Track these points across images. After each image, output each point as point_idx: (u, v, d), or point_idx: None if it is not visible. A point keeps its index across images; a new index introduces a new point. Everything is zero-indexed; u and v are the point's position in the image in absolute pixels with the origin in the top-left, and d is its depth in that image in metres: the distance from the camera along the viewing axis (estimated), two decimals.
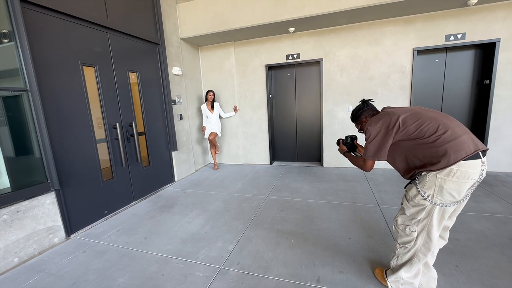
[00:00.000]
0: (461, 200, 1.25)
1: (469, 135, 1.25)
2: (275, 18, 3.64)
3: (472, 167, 1.19)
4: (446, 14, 3.56)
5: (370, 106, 1.63)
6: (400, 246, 1.44)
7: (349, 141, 1.84)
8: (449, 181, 1.21)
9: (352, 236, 2.24)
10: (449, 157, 1.19)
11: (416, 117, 1.32)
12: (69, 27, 2.51)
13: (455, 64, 3.84)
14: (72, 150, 2.52)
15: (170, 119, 3.90)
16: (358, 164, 1.59)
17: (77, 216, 2.56)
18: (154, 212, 2.98)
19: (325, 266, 1.86)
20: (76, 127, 2.57)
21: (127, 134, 3.14)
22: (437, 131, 1.25)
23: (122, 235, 2.48)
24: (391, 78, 3.96)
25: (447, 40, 3.64)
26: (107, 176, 2.94)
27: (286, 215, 2.72)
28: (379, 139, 1.39)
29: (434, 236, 1.32)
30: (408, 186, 1.40)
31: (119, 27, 3.02)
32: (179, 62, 4.20)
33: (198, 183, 3.99)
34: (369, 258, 1.92)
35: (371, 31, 3.92)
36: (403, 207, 1.42)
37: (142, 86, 3.41)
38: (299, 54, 4.34)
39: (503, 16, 3.38)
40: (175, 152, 4.03)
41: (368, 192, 3.23)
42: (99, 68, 2.80)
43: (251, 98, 4.78)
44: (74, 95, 2.55)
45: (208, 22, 4.00)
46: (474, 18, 3.48)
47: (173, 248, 2.21)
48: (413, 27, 3.73)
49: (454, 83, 3.89)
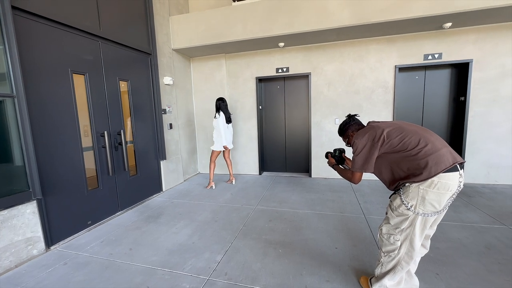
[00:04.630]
0: (441, 210, 1.33)
1: (447, 148, 1.34)
2: (266, 33, 3.78)
3: (451, 179, 1.27)
4: (425, 35, 3.83)
5: (356, 121, 1.71)
6: (385, 254, 1.50)
7: (337, 154, 1.89)
8: (431, 192, 1.28)
9: (339, 245, 2.28)
10: (430, 169, 1.26)
11: (399, 131, 1.41)
12: (61, 35, 2.51)
13: (433, 82, 4.10)
14: (57, 158, 2.46)
15: (160, 128, 3.89)
16: (347, 176, 1.64)
17: (58, 227, 2.47)
18: (140, 222, 2.91)
19: (312, 275, 1.88)
20: (63, 134, 2.52)
21: (115, 143, 3.10)
22: (419, 144, 1.33)
23: (106, 246, 2.41)
24: (375, 93, 4.16)
25: (426, 59, 3.89)
26: (93, 185, 2.87)
27: (274, 225, 2.73)
28: (366, 151, 1.46)
29: (416, 245, 1.38)
30: (393, 197, 1.47)
31: (112, 37, 3.05)
32: (171, 72, 4.24)
33: (186, 193, 3.94)
34: (354, 267, 1.96)
35: (356, 48, 4.14)
36: (388, 217, 1.48)
37: (132, 95, 3.41)
38: (289, 67, 4.49)
39: (474, 39, 3.68)
40: (163, 161, 3.99)
41: (355, 202, 3.31)
42: (89, 76, 2.79)
43: (241, 109, 4.86)
44: (62, 102, 2.51)
45: (200, 35, 4.09)
46: (449, 39, 3.77)
47: (159, 259, 2.16)
48: (395, 46, 3.98)
49: (433, 99, 4.14)
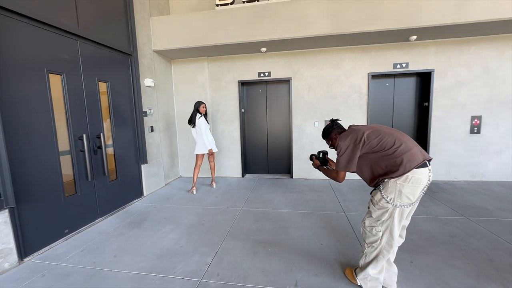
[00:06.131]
0: (415, 202, 1.51)
1: (418, 148, 1.53)
2: (249, 39, 3.88)
3: (422, 174, 1.46)
4: (394, 46, 4.20)
5: (338, 125, 1.86)
6: (368, 245, 1.64)
7: (321, 156, 2.03)
8: (406, 186, 1.45)
9: (324, 241, 2.42)
10: (405, 165, 1.44)
11: (377, 133, 1.58)
12: (37, 33, 2.37)
13: (401, 88, 4.49)
14: (31, 163, 2.30)
15: (141, 131, 3.78)
16: (332, 176, 1.78)
17: (33, 237, 2.30)
18: (123, 229, 2.81)
19: (301, 271, 1.98)
20: (38, 137, 2.36)
21: (94, 146, 2.97)
22: (395, 144, 1.50)
23: (88, 254, 2.29)
24: (351, 98, 4.44)
25: (395, 68, 4.26)
26: (70, 191, 2.71)
27: (261, 225, 2.80)
28: (349, 152, 1.61)
29: (395, 234, 1.54)
30: (374, 192, 1.63)
31: (91, 36, 2.93)
32: (152, 73, 4.15)
33: (169, 197, 3.86)
34: (339, 260, 2.10)
35: (334, 55, 4.40)
36: (370, 211, 1.63)
37: (112, 97, 3.29)
38: (270, 72, 4.62)
39: (434, 51, 4.12)
40: (144, 165, 3.88)
41: (335, 201, 3.50)
42: (66, 76, 2.65)
43: (223, 111, 4.88)
44: (37, 104, 2.36)
45: (182, 37, 4.07)
46: (414, 51, 4.17)
47: (148, 264, 2.12)
48: (368, 55, 4.30)
49: (401, 104, 4.52)
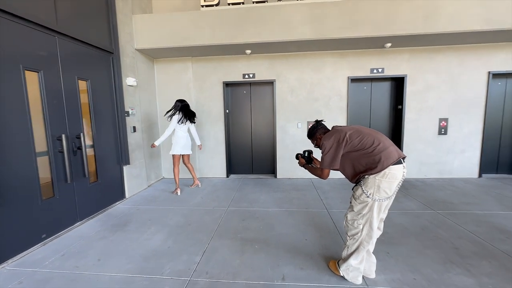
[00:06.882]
0: (391, 195, 1.65)
1: (394, 147, 1.69)
2: (234, 40, 3.93)
3: (398, 170, 1.61)
4: (371, 52, 4.46)
5: (322, 126, 1.99)
6: (350, 238, 1.77)
7: (306, 155, 2.15)
8: (384, 181, 1.59)
9: (308, 237, 2.53)
10: (383, 163, 1.58)
11: (358, 133, 1.71)
12: (11, 27, 2.25)
13: (378, 92, 4.78)
14: (5, 164, 2.17)
15: (123, 131, 3.68)
16: (317, 174, 1.90)
17: (7, 243, 2.18)
18: (105, 232, 2.73)
19: (288, 265, 2.06)
20: (13, 138, 2.24)
21: (74, 147, 2.85)
22: (374, 143, 1.65)
23: (69, 259, 2.21)
24: (332, 100, 4.65)
25: (372, 72, 4.53)
26: (48, 194, 2.58)
27: (248, 224, 2.86)
28: (333, 151, 1.73)
29: (374, 226, 1.68)
30: (355, 188, 1.75)
31: (70, 32, 2.82)
32: (134, 73, 4.05)
33: (152, 199, 3.79)
34: (323, 254, 2.22)
35: (315, 59, 4.58)
36: (352, 205, 1.76)
37: (92, 96, 3.18)
38: (255, 74, 4.71)
39: (407, 58, 4.44)
40: (126, 166, 3.78)
41: (317, 199, 3.65)
42: (44, 73, 2.53)
43: (208, 112, 4.88)
44: (12, 102, 2.24)
45: (166, 36, 4.02)
46: (389, 57, 4.46)
47: (135, 266, 2.09)
48: (347, 60, 4.53)
49: (377, 107, 4.81)
